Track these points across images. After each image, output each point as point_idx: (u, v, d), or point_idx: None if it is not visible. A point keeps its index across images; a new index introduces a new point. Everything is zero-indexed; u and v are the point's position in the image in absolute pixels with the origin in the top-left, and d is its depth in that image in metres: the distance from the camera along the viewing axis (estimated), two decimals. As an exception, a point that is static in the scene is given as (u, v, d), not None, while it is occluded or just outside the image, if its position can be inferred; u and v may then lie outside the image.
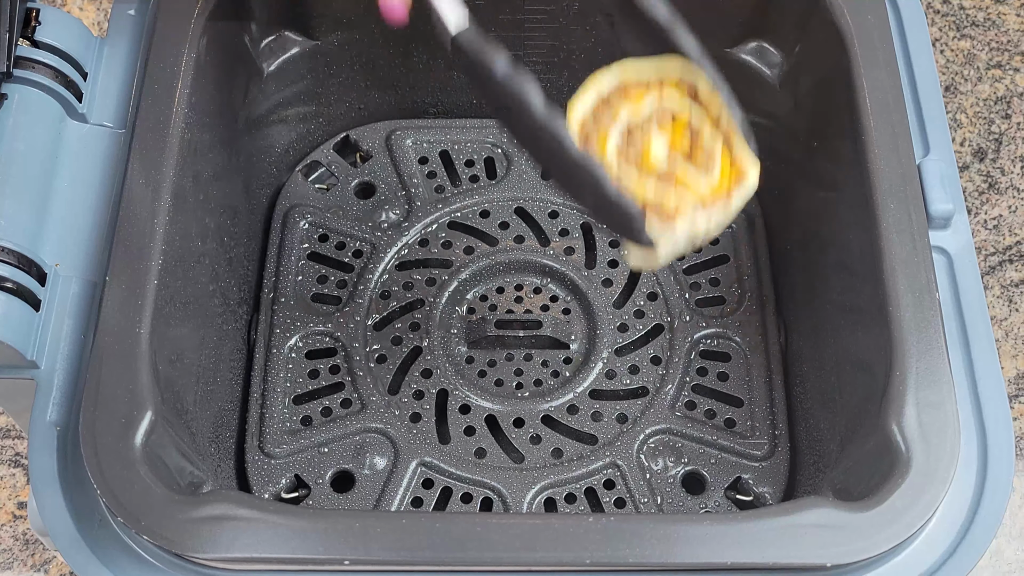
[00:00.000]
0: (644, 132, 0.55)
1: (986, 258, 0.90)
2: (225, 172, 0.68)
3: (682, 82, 0.55)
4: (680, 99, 0.55)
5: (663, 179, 0.54)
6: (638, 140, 0.55)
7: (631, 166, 0.54)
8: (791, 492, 0.66)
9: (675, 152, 0.55)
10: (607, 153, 0.54)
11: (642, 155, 0.55)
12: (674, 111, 0.55)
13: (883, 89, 0.63)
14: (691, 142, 0.55)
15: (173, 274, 0.59)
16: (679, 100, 0.55)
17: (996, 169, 0.94)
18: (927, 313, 0.56)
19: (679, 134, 0.55)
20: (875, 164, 0.60)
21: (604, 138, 0.54)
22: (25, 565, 0.79)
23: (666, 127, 0.55)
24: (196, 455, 0.59)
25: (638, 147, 0.55)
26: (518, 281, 0.74)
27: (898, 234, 0.58)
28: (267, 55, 0.72)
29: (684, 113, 0.55)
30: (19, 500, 0.82)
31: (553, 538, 0.51)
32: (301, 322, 0.72)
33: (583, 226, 0.76)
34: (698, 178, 0.54)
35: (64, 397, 0.55)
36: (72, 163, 0.61)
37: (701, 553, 0.51)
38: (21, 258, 0.56)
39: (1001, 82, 0.98)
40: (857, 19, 0.65)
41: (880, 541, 0.51)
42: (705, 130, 0.55)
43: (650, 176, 0.54)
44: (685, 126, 0.55)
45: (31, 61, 0.61)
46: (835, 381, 0.63)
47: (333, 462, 0.67)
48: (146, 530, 0.51)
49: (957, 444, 0.54)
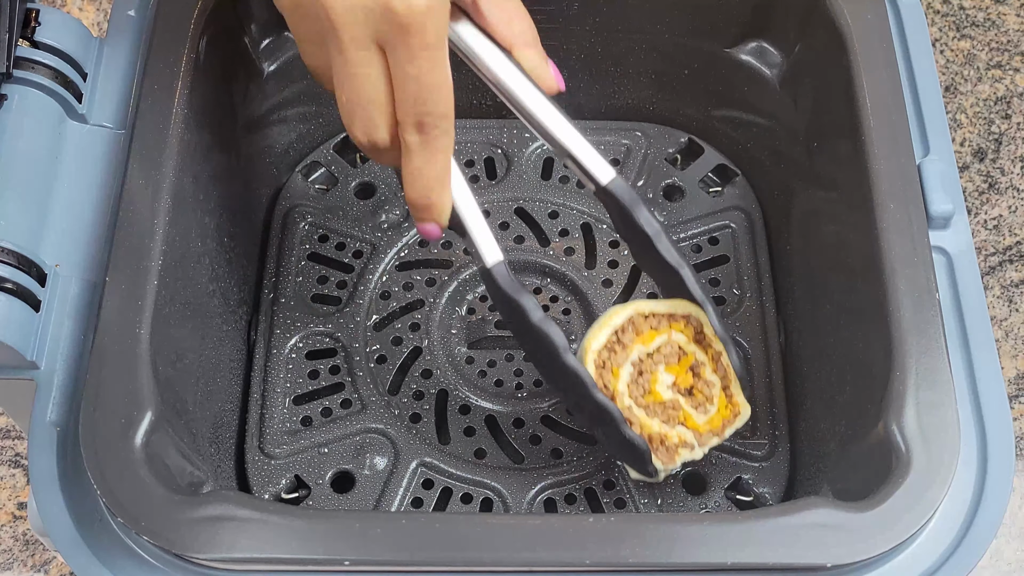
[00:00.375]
0: (652, 369, 0.61)
1: (986, 258, 0.90)
2: (225, 172, 0.68)
3: (688, 323, 0.62)
4: (686, 339, 0.62)
5: (667, 413, 0.61)
6: (647, 376, 0.61)
7: (640, 400, 0.61)
8: (791, 492, 0.66)
9: (679, 388, 0.62)
10: (619, 386, 0.61)
11: (650, 391, 0.61)
12: (680, 348, 0.62)
13: (883, 89, 0.63)
14: (693, 379, 0.62)
15: (173, 274, 0.59)
16: (685, 340, 0.62)
17: (996, 169, 0.94)
18: (927, 313, 0.56)
19: (683, 371, 0.62)
20: (875, 164, 0.60)
21: (616, 372, 0.61)
22: (25, 566, 0.79)
23: (672, 365, 0.62)
24: (196, 455, 0.59)
25: (647, 383, 0.61)
26: (518, 281, 0.74)
27: (898, 234, 0.58)
28: (267, 55, 0.72)
29: (689, 352, 0.62)
30: (19, 500, 0.82)
31: (553, 538, 0.51)
32: (301, 322, 0.72)
33: (583, 226, 0.76)
34: (698, 415, 0.61)
35: (64, 397, 0.55)
36: (72, 164, 0.61)
37: (701, 553, 0.51)
38: (21, 258, 0.56)
39: (1001, 82, 0.98)
40: (857, 19, 0.65)
41: (880, 541, 0.51)
42: (706, 370, 0.62)
43: (656, 410, 0.61)
44: (689, 364, 0.62)
45: (31, 62, 0.61)
46: (835, 381, 0.63)
47: (333, 462, 0.67)
48: (146, 530, 0.51)
49: (957, 444, 0.53)
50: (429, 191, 0.55)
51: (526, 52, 0.58)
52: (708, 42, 0.74)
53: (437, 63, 0.51)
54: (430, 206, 0.56)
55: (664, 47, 0.76)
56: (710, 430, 0.61)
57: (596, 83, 0.78)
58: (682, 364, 0.62)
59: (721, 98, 0.77)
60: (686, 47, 0.75)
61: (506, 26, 0.57)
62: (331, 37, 0.51)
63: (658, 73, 0.77)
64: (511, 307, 0.58)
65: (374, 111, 0.53)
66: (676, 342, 0.62)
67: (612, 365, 0.61)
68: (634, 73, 0.77)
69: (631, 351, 0.61)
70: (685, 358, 0.62)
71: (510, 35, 0.57)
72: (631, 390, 0.61)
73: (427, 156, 0.54)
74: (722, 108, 0.77)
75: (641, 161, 0.78)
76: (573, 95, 0.79)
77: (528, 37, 0.58)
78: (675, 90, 0.78)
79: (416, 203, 0.56)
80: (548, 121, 0.59)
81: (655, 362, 0.62)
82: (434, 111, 0.52)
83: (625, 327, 0.62)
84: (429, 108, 0.52)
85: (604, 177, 0.59)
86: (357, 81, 0.52)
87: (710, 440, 0.61)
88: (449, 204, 0.57)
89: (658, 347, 0.62)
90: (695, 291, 0.61)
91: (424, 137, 0.53)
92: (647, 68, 0.77)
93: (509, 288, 0.58)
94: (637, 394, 0.61)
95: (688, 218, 0.76)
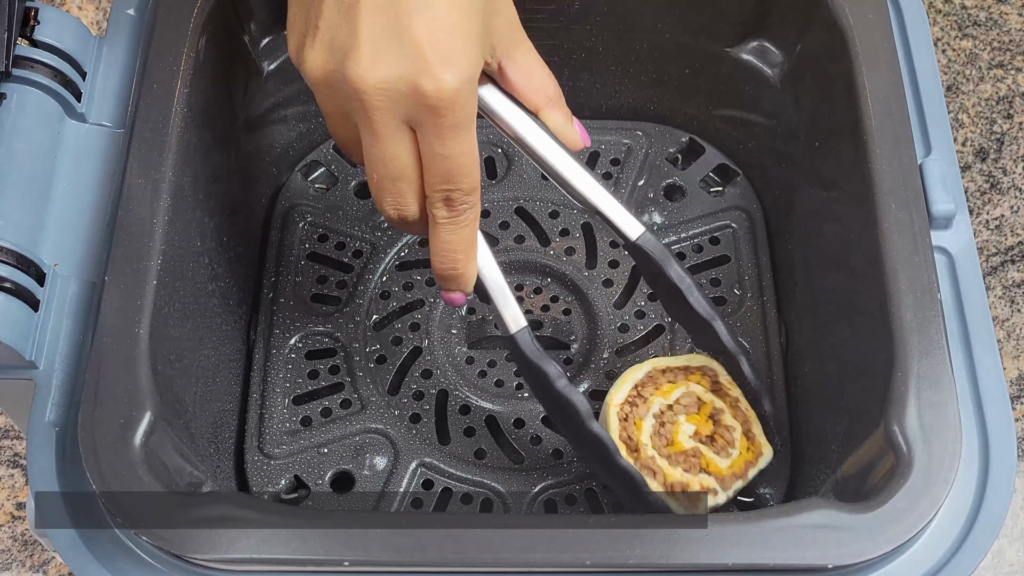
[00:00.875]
0: (673, 420, 0.64)
1: (988, 258, 0.90)
2: (224, 172, 0.68)
3: (704, 374, 0.66)
4: (703, 389, 0.65)
5: (689, 462, 0.63)
6: (668, 427, 0.64)
7: (662, 450, 0.63)
8: (792, 493, 0.66)
9: (700, 436, 0.64)
10: (642, 437, 0.63)
11: (672, 441, 0.63)
12: (699, 398, 0.65)
13: (884, 89, 0.63)
14: (714, 426, 0.64)
15: (172, 274, 0.59)
16: (702, 390, 0.65)
17: (998, 169, 0.94)
18: (928, 314, 0.56)
19: (703, 420, 0.64)
20: (876, 164, 0.60)
21: (639, 424, 0.64)
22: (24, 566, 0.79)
23: (692, 415, 0.64)
24: (195, 456, 0.59)
25: (668, 434, 0.64)
26: (518, 281, 0.74)
27: (899, 234, 0.58)
28: (267, 54, 0.72)
29: (707, 401, 0.65)
30: (18, 501, 0.82)
31: (553, 539, 0.51)
32: (301, 322, 0.71)
33: (584, 226, 0.76)
34: (720, 459, 0.63)
35: (63, 397, 0.55)
36: (71, 163, 0.61)
37: (702, 554, 0.50)
38: (20, 258, 0.56)
39: (1003, 82, 0.97)
40: (858, 18, 0.65)
41: (882, 542, 0.51)
42: (726, 416, 0.65)
43: (678, 459, 0.63)
44: (708, 413, 0.65)
45: (30, 60, 0.61)
46: (836, 382, 0.63)
47: (333, 463, 0.67)
48: (145, 531, 0.50)
49: (959, 445, 0.53)
50: (456, 262, 0.57)
51: (552, 114, 0.59)
52: (709, 41, 0.74)
53: (465, 142, 0.52)
54: (457, 276, 0.57)
55: (665, 46, 0.75)
56: (733, 474, 0.63)
57: (597, 82, 0.78)
58: (702, 413, 0.65)
59: (722, 97, 0.77)
60: (687, 46, 0.75)
61: (532, 90, 0.59)
62: (361, 117, 0.52)
63: (659, 72, 0.77)
64: (535, 373, 0.60)
65: (404, 187, 0.54)
66: (694, 392, 0.65)
67: (634, 418, 0.64)
68: (635, 72, 0.77)
69: (651, 404, 0.64)
70: (704, 407, 0.65)
71: (535, 99, 0.59)
72: (654, 441, 0.63)
73: (454, 229, 0.55)
74: (723, 108, 0.77)
75: (642, 161, 0.78)
76: (574, 95, 0.79)
77: (554, 98, 0.59)
78: (676, 89, 0.78)
79: (442, 274, 0.57)
80: (576, 181, 0.61)
81: (675, 413, 0.64)
82: (462, 187, 0.54)
83: (645, 382, 0.65)
84: (458, 184, 0.53)
85: (633, 233, 0.62)
86: (387, 160, 0.53)
87: (734, 483, 0.63)
88: (474, 274, 0.58)
89: (677, 399, 0.65)
90: (728, 343, 0.63)
91: (452, 212, 0.55)
92: (648, 67, 0.77)
93: (533, 355, 0.60)
94: (660, 445, 0.63)
95: (689, 218, 0.76)
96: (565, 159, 0.60)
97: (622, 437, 0.63)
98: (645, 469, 0.62)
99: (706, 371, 0.66)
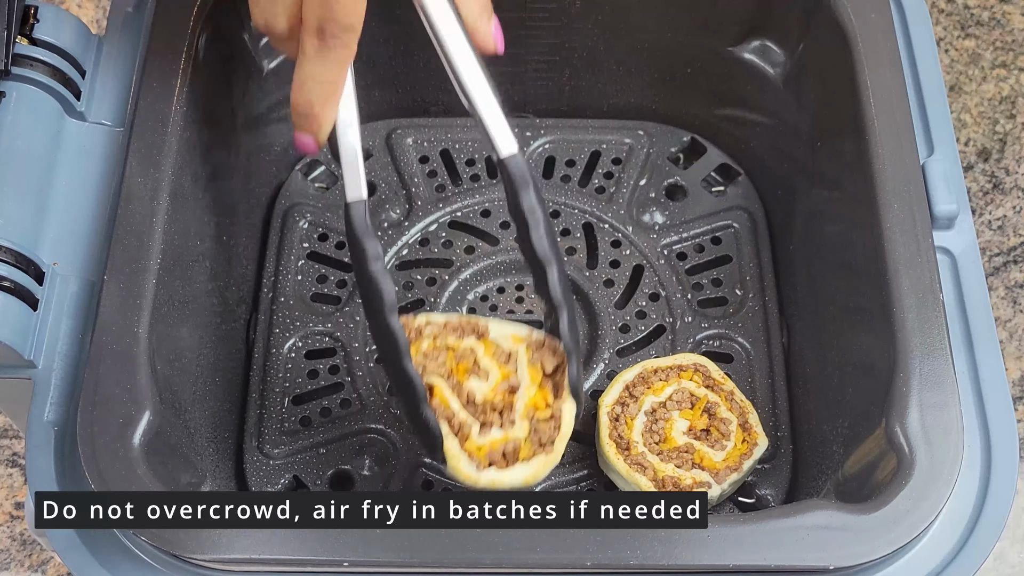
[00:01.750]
0: (667, 416, 0.64)
1: (990, 259, 0.90)
2: (224, 171, 0.68)
3: (696, 371, 0.66)
4: (696, 384, 0.65)
5: (682, 458, 0.63)
6: (662, 424, 0.64)
7: (654, 447, 0.63)
8: (794, 494, 0.66)
9: (694, 432, 0.64)
10: (633, 435, 0.63)
11: (665, 438, 0.64)
12: (691, 394, 0.65)
13: (887, 88, 0.62)
14: (709, 420, 0.65)
15: (172, 273, 0.59)
16: (695, 386, 0.65)
17: (1001, 169, 0.93)
18: (931, 314, 0.56)
19: (697, 415, 0.65)
20: (879, 164, 0.60)
21: (630, 423, 0.64)
22: (23, 566, 0.79)
23: (686, 411, 0.65)
24: (194, 455, 0.58)
25: (661, 431, 0.64)
26: (519, 281, 0.74)
27: (902, 234, 0.58)
28: (266, 53, 0.72)
29: (700, 396, 0.65)
30: (16, 500, 0.81)
31: (553, 539, 0.50)
32: (300, 322, 0.71)
33: (584, 226, 0.75)
34: (715, 453, 0.63)
35: (62, 397, 0.55)
36: (70, 161, 0.61)
37: (702, 555, 0.50)
38: (19, 257, 0.56)
39: (1006, 82, 0.97)
40: (861, 18, 0.65)
41: (883, 544, 0.51)
42: (721, 409, 0.65)
43: (670, 456, 0.63)
44: (703, 407, 0.65)
45: (29, 59, 0.61)
46: (838, 382, 0.63)
47: (332, 463, 0.67)
48: (144, 531, 0.50)
49: (961, 446, 0.53)
50: (313, 101, 0.54)
51: (468, 3, 0.56)
52: (711, 40, 0.74)
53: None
54: (311, 116, 0.54)
55: (667, 45, 0.75)
56: (727, 467, 0.63)
57: (599, 82, 0.78)
58: (696, 408, 0.65)
59: (724, 97, 0.76)
60: (689, 45, 0.75)
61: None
62: None
63: (661, 72, 0.77)
64: (357, 249, 0.56)
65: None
66: (686, 388, 0.65)
67: (626, 417, 0.64)
68: (637, 72, 0.77)
69: (643, 402, 0.65)
70: (698, 402, 0.65)
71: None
72: (645, 438, 0.64)
73: (321, 64, 0.53)
74: (725, 107, 0.77)
75: (644, 160, 0.78)
76: (576, 94, 0.79)
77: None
78: (678, 89, 0.77)
79: (298, 109, 0.54)
80: (469, 81, 0.56)
81: (668, 410, 0.65)
82: (339, 20, 0.51)
83: (636, 382, 0.65)
84: (334, 15, 0.51)
85: (505, 151, 0.57)
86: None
87: (728, 476, 0.63)
88: (331, 121, 0.55)
89: (669, 395, 0.65)
90: (555, 291, 0.56)
91: (322, 44, 0.52)
92: (650, 67, 0.77)
93: (360, 229, 0.55)
94: (651, 441, 0.64)
95: (691, 218, 0.76)
96: (467, 55, 0.56)
97: (612, 436, 0.63)
98: (636, 466, 0.62)
99: (698, 367, 0.66)
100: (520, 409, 0.58)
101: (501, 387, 0.58)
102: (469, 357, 0.59)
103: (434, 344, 0.59)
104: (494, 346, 0.60)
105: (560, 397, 0.58)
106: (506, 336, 0.60)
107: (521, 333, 0.60)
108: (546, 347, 0.59)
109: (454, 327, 0.60)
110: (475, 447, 0.57)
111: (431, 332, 0.59)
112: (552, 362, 0.59)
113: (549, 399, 0.59)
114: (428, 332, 0.59)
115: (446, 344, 0.59)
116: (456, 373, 0.59)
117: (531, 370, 0.59)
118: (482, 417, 0.58)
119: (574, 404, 0.58)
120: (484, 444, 0.57)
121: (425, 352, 0.59)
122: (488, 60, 0.75)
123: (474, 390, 0.58)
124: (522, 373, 0.59)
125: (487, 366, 0.59)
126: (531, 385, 0.59)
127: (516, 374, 0.59)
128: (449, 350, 0.59)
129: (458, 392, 0.58)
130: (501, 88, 0.78)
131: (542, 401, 0.59)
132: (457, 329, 0.60)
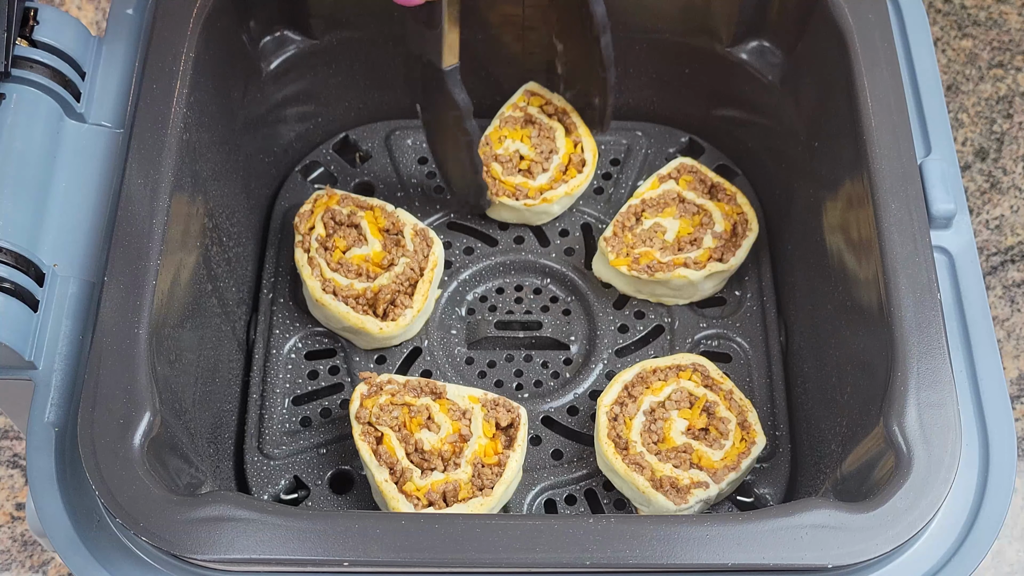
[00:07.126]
0: (666, 416, 0.64)
1: (988, 258, 0.90)
2: (224, 172, 0.68)
3: (695, 370, 0.66)
4: (695, 384, 0.65)
5: (680, 457, 0.63)
6: (661, 424, 0.64)
7: (652, 447, 0.63)
8: (792, 493, 0.66)
9: (693, 431, 0.64)
10: (631, 435, 0.63)
11: (664, 438, 0.64)
12: (690, 393, 0.65)
13: (884, 88, 0.62)
14: (708, 419, 0.65)
15: (172, 274, 0.59)
16: (693, 385, 0.65)
17: (998, 169, 0.94)
18: (928, 313, 0.56)
19: (696, 414, 0.65)
20: (876, 164, 0.60)
21: (629, 423, 0.64)
22: (23, 567, 0.79)
23: (685, 410, 0.65)
24: (195, 456, 0.59)
25: (660, 431, 0.64)
26: (518, 282, 0.74)
27: (899, 234, 0.58)
28: (266, 54, 0.72)
29: (699, 395, 0.65)
30: (17, 501, 0.82)
31: (553, 539, 0.51)
32: (300, 323, 0.71)
33: (583, 226, 0.76)
34: (713, 452, 0.63)
35: (62, 398, 0.55)
36: (70, 163, 0.61)
37: (702, 554, 0.50)
38: (19, 258, 0.56)
39: (1003, 81, 0.97)
40: (858, 18, 0.65)
41: (881, 542, 0.51)
42: (720, 408, 0.65)
43: (668, 456, 0.63)
44: (702, 406, 0.65)
45: (29, 61, 0.61)
46: (836, 382, 0.63)
47: (332, 463, 0.67)
48: (144, 531, 0.50)
49: (958, 445, 0.53)
50: None
51: None
52: (708, 41, 0.74)
53: None
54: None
55: (664, 46, 0.75)
56: (726, 466, 0.63)
57: (596, 82, 0.78)
58: (695, 408, 0.65)
59: (721, 97, 0.77)
60: (686, 46, 0.75)
61: None
62: None
63: (658, 72, 0.77)
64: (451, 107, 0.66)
65: None
66: (685, 388, 0.65)
67: (624, 417, 0.64)
68: (634, 72, 0.77)
69: (642, 402, 0.65)
70: (697, 401, 0.65)
71: None
72: (644, 438, 0.63)
73: None
74: (722, 107, 0.77)
75: (642, 161, 0.78)
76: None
77: None
78: (675, 89, 0.78)
79: None
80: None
81: (667, 409, 0.65)
82: None
83: (635, 383, 0.65)
84: None
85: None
86: None
87: (726, 476, 0.63)
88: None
89: (668, 395, 0.65)
90: None
91: None
92: (647, 67, 0.77)
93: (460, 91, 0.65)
94: (650, 441, 0.63)
95: (689, 218, 0.76)
96: None
97: (611, 436, 0.63)
98: (633, 465, 0.62)
99: (696, 367, 0.66)
100: (467, 455, 0.62)
101: (451, 439, 0.62)
102: (423, 413, 0.63)
103: (391, 400, 0.63)
104: (450, 403, 0.64)
105: (512, 448, 0.62)
106: (463, 396, 0.64)
107: (477, 394, 0.64)
108: (500, 406, 0.64)
109: (413, 387, 0.64)
110: (415, 487, 0.61)
111: (391, 389, 0.64)
112: (507, 417, 0.63)
113: (499, 449, 0.63)
114: (388, 388, 0.64)
115: (403, 401, 0.63)
116: (408, 426, 0.63)
117: (485, 425, 0.63)
118: (425, 464, 0.62)
119: (522, 454, 0.62)
120: (424, 485, 0.61)
121: (381, 405, 0.63)
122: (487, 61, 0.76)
123: (423, 440, 0.62)
124: (475, 427, 0.63)
125: (440, 420, 0.63)
126: (482, 437, 0.63)
127: (469, 428, 0.63)
128: (405, 406, 0.63)
129: (406, 443, 0.62)
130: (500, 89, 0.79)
131: (492, 451, 0.62)
132: (415, 388, 0.64)
